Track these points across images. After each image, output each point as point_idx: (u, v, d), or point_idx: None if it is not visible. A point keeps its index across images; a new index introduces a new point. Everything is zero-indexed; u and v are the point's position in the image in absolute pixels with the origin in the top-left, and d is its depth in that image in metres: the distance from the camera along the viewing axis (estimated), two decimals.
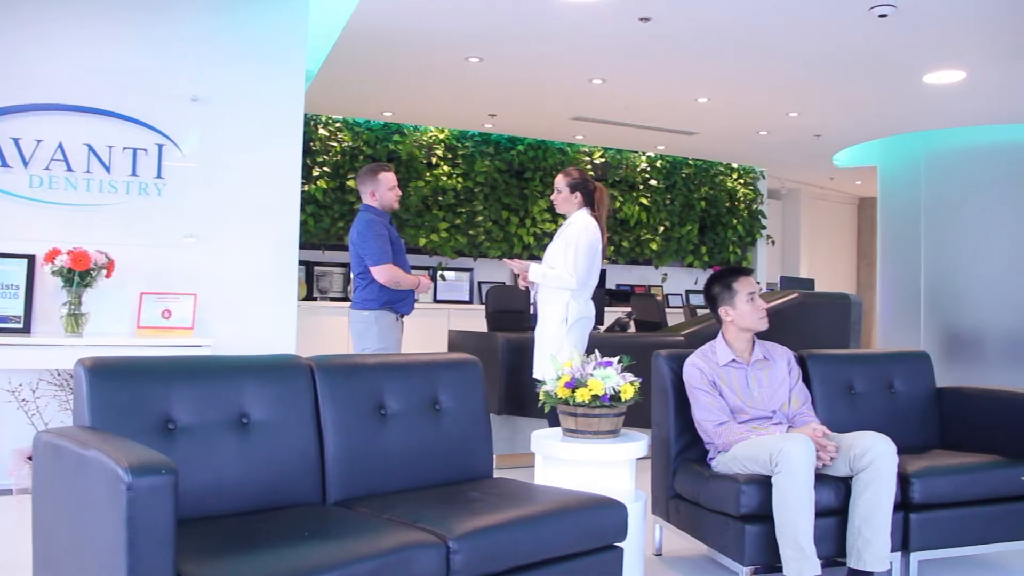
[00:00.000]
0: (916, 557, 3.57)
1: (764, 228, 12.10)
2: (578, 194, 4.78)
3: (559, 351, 4.35)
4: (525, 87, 7.80)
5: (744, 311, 3.78)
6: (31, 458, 3.00)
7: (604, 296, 8.36)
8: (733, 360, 3.78)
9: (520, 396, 5.45)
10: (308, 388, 2.95)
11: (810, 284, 8.01)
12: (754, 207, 11.97)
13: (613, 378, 3.44)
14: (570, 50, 6.67)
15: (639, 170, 10.99)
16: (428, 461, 3.14)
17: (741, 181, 11.88)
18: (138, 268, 4.77)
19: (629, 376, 3.49)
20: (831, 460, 3.42)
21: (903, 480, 3.52)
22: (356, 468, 2.97)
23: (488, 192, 9.94)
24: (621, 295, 10.48)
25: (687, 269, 11.65)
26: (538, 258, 4.83)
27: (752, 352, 3.83)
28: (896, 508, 3.46)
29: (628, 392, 3.44)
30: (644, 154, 11.04)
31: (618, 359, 3.54)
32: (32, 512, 2.55)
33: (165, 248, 4.85)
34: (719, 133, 9.71)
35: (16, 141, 4.63)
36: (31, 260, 4.58)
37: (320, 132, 9.09)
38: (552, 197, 4.91)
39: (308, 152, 8.82)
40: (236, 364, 2.92)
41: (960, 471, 3.66)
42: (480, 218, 9.85)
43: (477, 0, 5.62)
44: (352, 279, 5.04)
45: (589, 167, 10.54)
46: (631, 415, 3.64)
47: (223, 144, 4.99)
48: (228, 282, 4.96)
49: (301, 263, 8.67)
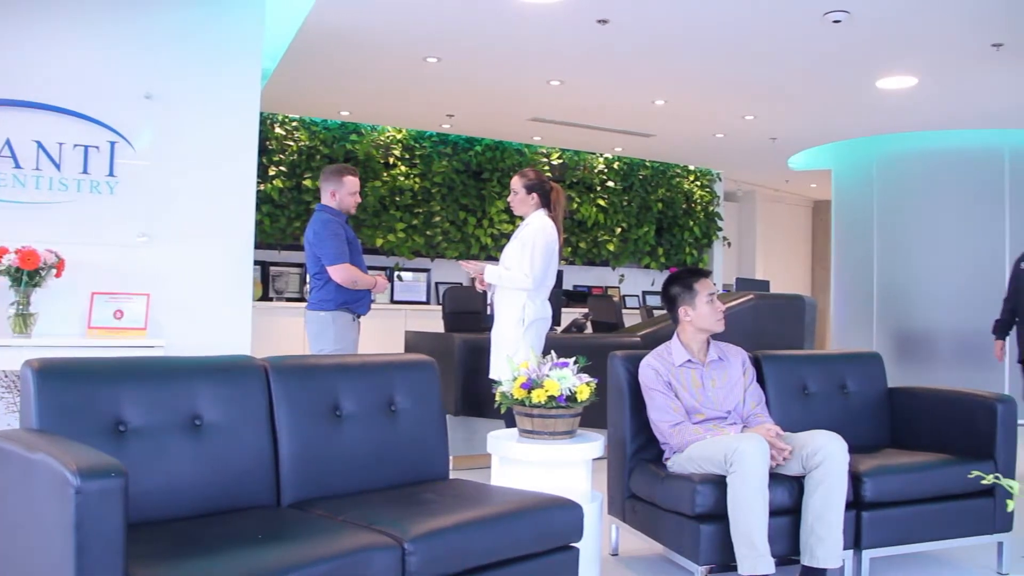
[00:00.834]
0: (868, 554, 3.62)
1: (720, 230, 12.20)
2: (534, 195, 4.79)
3: (515, 352, 4.35)
4: (483, 88, 7.80)
5: (703, 312, 3.80)
6: None
7: (561, 297, 8.37)
8: (689, 360, 3.80)
9: (477, 397, 5.45)
10: (262, 389, 2.93)
11: (765, 286, 8.08)
12: (710, 209, 12.07)
13: (569, 379, 3.45)
14: (528, 51, 6.67)
15: (596, 172, 11.03)
16: (384, 462, 3.13)
17: (698, 183, 11.97)
18: (89, 267, 4.69)
19: (585, 377, 3.50)
20: (784, 460, 3.45)
21: (855, 479, 3.57)
22: (311, 470, 2.95)
23: (446, 193, 9.93)
24: (578, 296, 10.51)
25: (644, 270, 11.72)
26: (495, 259, 4.82)
27: (707, 352, 3.85)
28: (848, 506, 3.51)
29: (584, 393, 3.45)
30: (602, 156, 11.08)
31: (574, 360, 3.54)
32: None
33: (117, 247, 4.77)
34: (676, 136, 9.77)
35: None
36: None
37: (276, 131, 9.01)
38: (509, 198, 4.91)
39: (264, 151, 8.74)
40: (189, 365, 2.89)
41: (910, 470, 3.71)
42: (437, 219, 9.83)
43: (435, 0, 5.61)
44: (308, 279, 5.00)
45: (547, 168, 10.56)
46: (587, 416, 3.64)
47: (177, 142, 4.93)
48: (182, 282, 4.90)
49: (257, 263, 8.59)
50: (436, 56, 6.80)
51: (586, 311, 7.76)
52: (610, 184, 11.09)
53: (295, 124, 9.15)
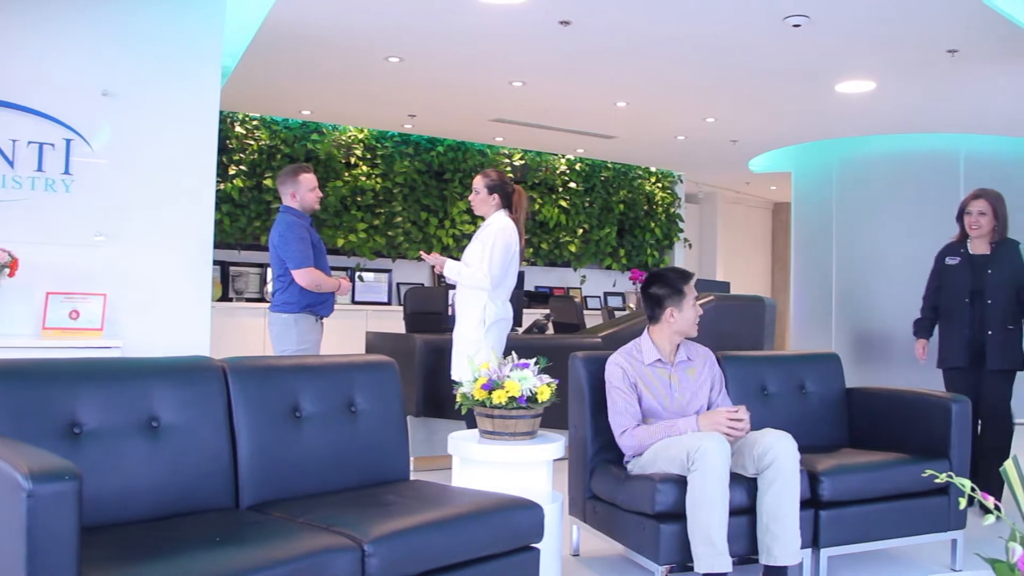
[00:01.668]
0: (826, 553, 3.65)
1: (681, 231, 12.28)
2: (496, 196, 4.79)
3: (477, 353, 4.35)
4: (445, 88, 7.79)
5: (689, 316, 3.78)
6: None
7: (523, 298, 8.38)
8: (659, 360, 3.79)
9: (438, 398, 5.43)
10: (221, 390, 2.90)
11: (726, 287, 8.14)
12: (672, 211, 12.14)
13: (530, 380, 3.46)
14: (490, 52, 6.67)
15: (558, 173, 11.05)
16: (344, 464, 3.11)
17: (659, 185, 12.04)
18: (44, 267, 4.61)
19: (546, 378, 3.51)
20: (744, 432, 3.51)
21: (813, 478, 3.61)
22: (270, 471, 2.93)
23: (407, 193, 9.90)
24: (540, 297, 10.53)
25: (605, 271, 11.76)
26: (457, 259, 4.82)
27: (677, 353, 3.85)
28: (806, 505, 3.55)
29: (545, 394, 3.46)
30: (563, 157, 11.11)
31: (535, 361, 3.55)
32: None
33: (73, 246, 4.70)
34: (637, 137, 9.82)
35: None
36: None
37: (237, 130, 8.94)
38: (470, 198, 4.91)
39: (224, 150, 8.66)
40: (145, 366, 2.85)
41: (867, 469, 3.76)
42: (399, 219, 9.80)
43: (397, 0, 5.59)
44: (271, 281, 4.97)
45: (509, 169, 10.56)
46: (548, 416, 3.65)
47: (135, 140, 4.86)
48: (140, 282, 4.83)
49: (216, 263, 8.52)
50: (398, 56, 6.78)
51: (547, 312, 7.77)
52: (572, 185, 11.11)
53: (256, 123, 9.08)
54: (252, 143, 8.99)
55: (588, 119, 8.97)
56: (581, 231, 11.19)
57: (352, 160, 9.60)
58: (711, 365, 3.91)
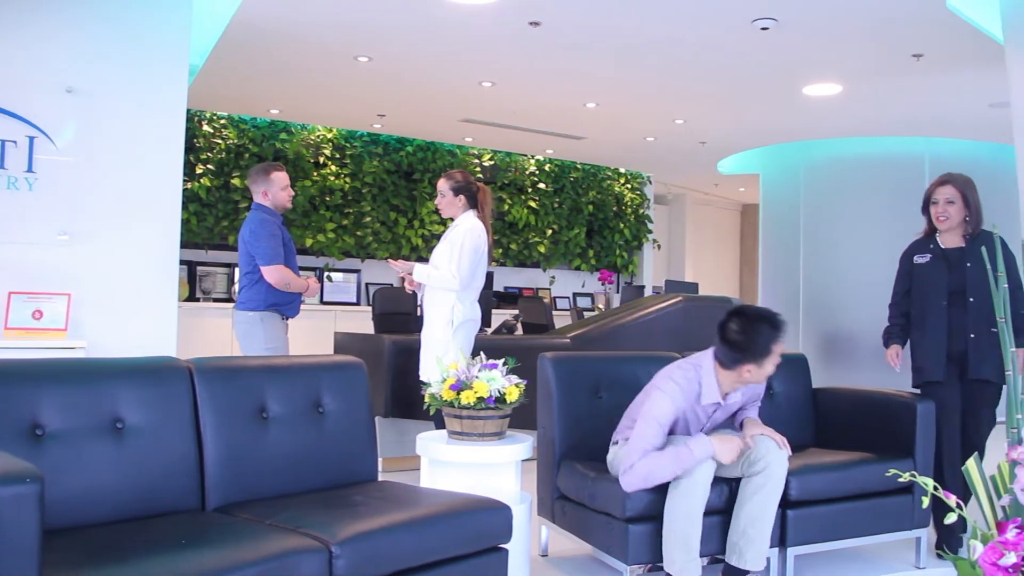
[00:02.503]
0: (792, 552, 3.68)
1: (650, 232, 12.33)
2: (462, 197, 4.78)
3: (445, 353, 4.35)
4: (414, 88, 7.77)
5: (766, 373, 3.43)
6: None
7: (492, 298, 8.38)
8: (716, 403, 3.47)
9: (407, 398, 5.42)
10: (187, 391, 2.87)
11: (694, 288, 8.17)
12: (641, 212, 12.18)
13: (498, 380, 3.46)
14: (460, 52, 6.67)
15: (528, 173, 11.06)
16: (311, 465, 3.09)
17: (628, 186, 12.08)
18: (6, 267, 4.55)
19: (514, 378, 3.51)
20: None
21: None
22: (237, 473, 2.90)
23: (376, 193, 9.87)
24: (509, 297, 10.53)
25: (575, 272, 11.78)
26: (426, 259, 4.81)
27: (732, 394, 3.54)
28: None
29: (513, 394, 3.46)
30: (533, 157, 11.12)
31: (503, 361, 3.55)
32: None
33: (36, 246, 4.64)
34: (607, 138, 9.85)
35: None
36: None
37: (204, 129, 8.87)
38: (436, 201, 4.89)
39: (191, 149, 8.59)
40: (110, 367, 2.82)
41: (834, 469, 3.79)
42: (368, 219, 9.77)
43: None
44: (238, 278, 4.94)
45: (478, 169, 10.56)
46: (517, 417, 3.65)
47: (100, 138, 4.80)
48: (105, 282, 4.78)
49: (183, 263, 8.45)
50: (368, 55, 6.76)
51: (516, 312, 7.77)
52: (541, 186, 11.13)
53: (223, 122, 9.01)
54: (220, 142, 8.92)
55: (558, 120, 8.98)
56: (550, 232, 11.21)
57: (321, 160, 9.56)
58: (753, 388, 3.63)
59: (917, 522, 3.93)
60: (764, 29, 5.77)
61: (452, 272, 4.59)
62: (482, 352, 3.72)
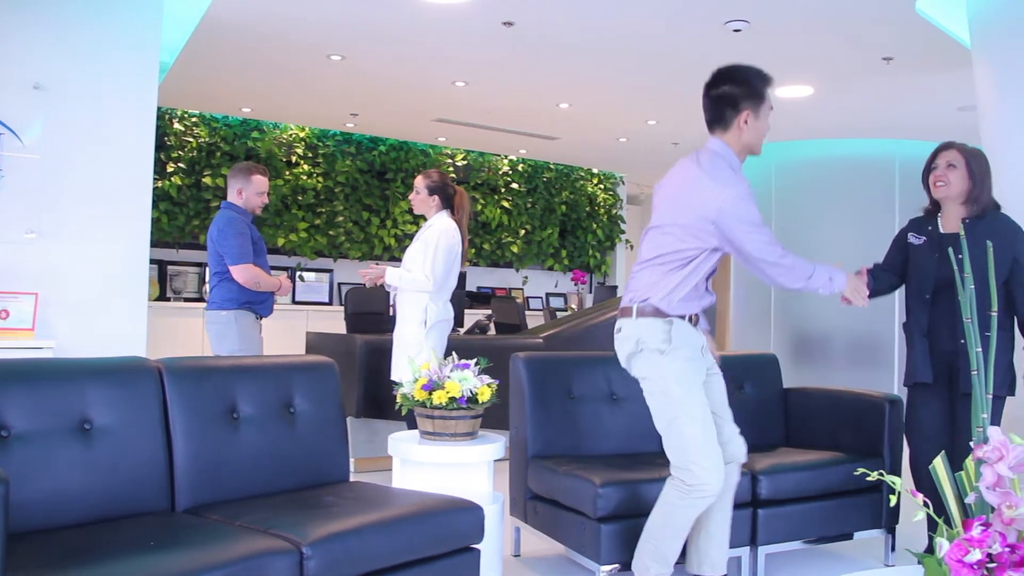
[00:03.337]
0: (764, 550, 3.71)
1: (623, 233, 12.36)
2: (436, 197, 4.78)
3: (417, 353, 4.34)
4: (388, 87, 7.75)
5: (763, 129, 3.29)
6: None
7: (464, 298, 8.37)
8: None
9: (379, 399, 5.40)
10: (156, 392, 2.85)
11: None
12: (613, 212, 12.22)
13: (470, 380, 3.46)
14: (433, 52, 6.65)
15: (501, 173, 11.06)
16: (282, 466, 3.08)
17: (601, 186, 12.11)
18: None
19: (486, 378, 3.51)
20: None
21: (752, 478, 3.65)
22: (207, 474, 2.88)
23: (349, 192, 9.83)
24: (481, 297, 10.53)
25: (547, 272, 11.80)
26: (398, 259, 4.80)
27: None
28: (744, 504, 3.60)
29: (485, 394, 3.46)
30: (506, 157, 11.12)
31: (476, 361, 3.55)
32: None
33: (3, 244, 4.58)
34: (580, 139, 9.87)
35: None
36: None
37: (175, 127, 8.80)
38: (410, 196, 4.89)
39: (162, 147, 8.52)
40: (77, 367, 2.79)
41: (804, 468, 3.82)
42: (340, 218, 9.73)
43: None
44: (208, 277, 4.90)
45: (451, 169, 10.55)
46: (489, 417, 3.65)
47: (69, 135, 4.76)
48: (73, 281, 4.73)
49: (154, 262, 8.38)
50: (340, 54, 6.73)
51: (489, 312, 7.77)
52: (514, 186, 11.13)
53: (195, 120, 8.95)
54: (191, 140, 8.86)
55: (531, 120, 8.99)
56: (523, 232, 11.21)
57: (293, 159, 9.51)
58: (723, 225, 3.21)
59: (886, 520, 3.97)
60: (736, 31, 5.81)
61: (426, 273, 4.58)
62: (454, 352, 3.72)
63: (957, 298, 3.14)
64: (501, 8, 5.65)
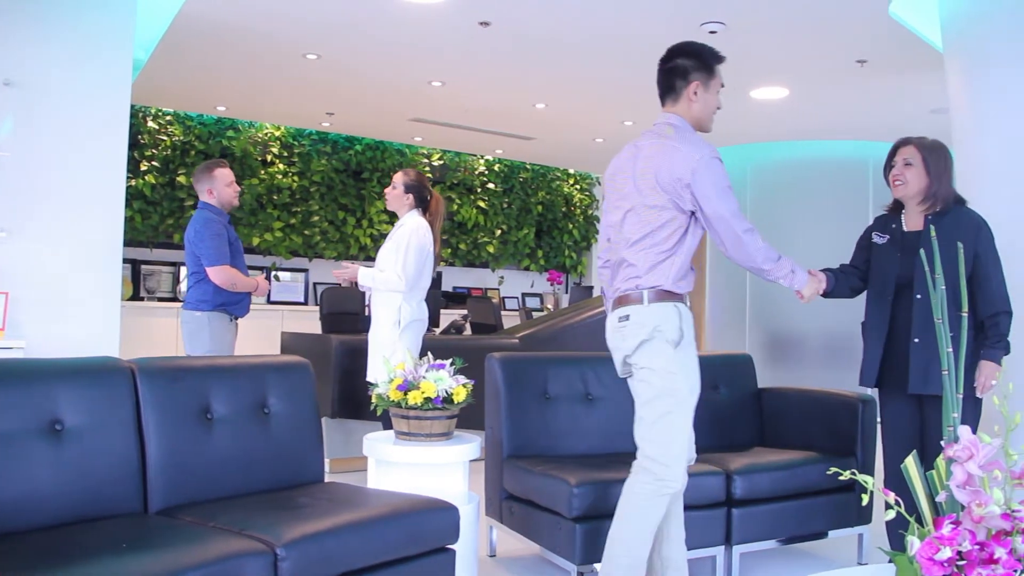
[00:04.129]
0: (738, 550, 3.73)
1: (599, 233, 12.37)
2: (411, 196, 4.78)
3: (392, 354, 4.33)
4: (364, 86, 7.72)
5: (712, 103, 3.31)
6: None
7: (440, 298, 8.36)
8: None
9: (354, 399, 5.39)
10: (128, 392, 2.82)
11: None
12: (589, 212, 12.24)
13: (445, 380, 3.45)
14: (410, 51, 6.64)
15: (477, 173, 11.06)
16: (256, 466, 3.06)
17: (577, 187, 12.13)
18: None
19: (462, 378, 3.51)
20: None
21: (726, 477, 3.68)
22: (180, 475, 2.86)
23: (324, 192, 9.80)
24: (457, 297, 10.52)
25: (523, 272, 11.81)
26: (373, 259, 4.79)
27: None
28: (719, 504, 3.63)
29: (460, 394, 3.46)
30: (482, 157, 11.12)
31: (451, 362, 3.55)
32: None
33: None
34: (556, 139, 9.88)
35: None
36: None
37: (149, 125, 8.74)
38: (386, 191, 4.89)
39: (136, 145, 8.46)
40: (48, 367, 2.76)
41: (778, 467, 3.85)
42: (316, 218, 9.70)
43: None
44: (185, 278, 4.88)
45: (427, 169, 10.53)
46: (465, 417, 3.64)
47: (40, 132, 4.70)
48: (44, 280, 4.68)
49: (127, 261, 8.32)
50: (316, 53, 6.71)
51: (465, 313, 7.76)
52: (490, 186, 11.13)
53: (169, 118, 8.89)
54: (165, 139, 8.80)
55: (507, 120, 8.99)
56: (499, 232, 11.22)
57: (268, 158, 9.47)
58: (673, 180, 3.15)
59: (859, 519, 4.00)
60: (712, 32, 5.83)
61: (398, 273, 4.58)
62: (430, 352, 3.72)
63: (913, 296, 3.38)
64: (478, 8, 5.64)
